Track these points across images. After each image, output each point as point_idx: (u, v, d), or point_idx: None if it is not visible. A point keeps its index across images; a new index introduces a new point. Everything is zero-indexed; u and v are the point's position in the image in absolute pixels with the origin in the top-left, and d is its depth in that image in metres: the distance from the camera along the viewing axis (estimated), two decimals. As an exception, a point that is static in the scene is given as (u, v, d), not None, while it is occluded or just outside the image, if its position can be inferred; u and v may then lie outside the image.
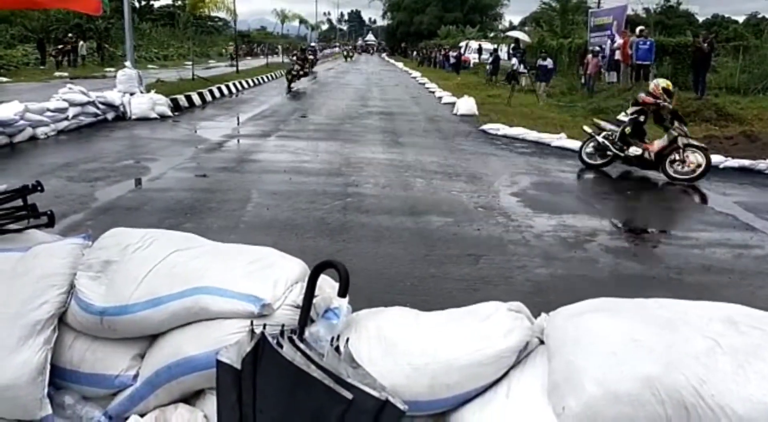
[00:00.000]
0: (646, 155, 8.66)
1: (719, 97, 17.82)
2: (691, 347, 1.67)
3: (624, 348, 1.69)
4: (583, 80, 19.36)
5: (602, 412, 1.64)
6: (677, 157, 8.39)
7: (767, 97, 18.17)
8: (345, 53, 63.29)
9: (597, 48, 20.34)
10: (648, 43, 18.84)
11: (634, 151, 8.75)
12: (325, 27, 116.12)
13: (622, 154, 8.88)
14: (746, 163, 9.39)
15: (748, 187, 8.43)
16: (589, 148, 9.29)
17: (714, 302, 1.90)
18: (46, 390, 2.12)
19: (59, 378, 2.22)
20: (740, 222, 6.52)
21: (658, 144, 8.66)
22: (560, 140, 11.16)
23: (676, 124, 8.55)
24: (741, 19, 50.08)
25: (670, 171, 8.43)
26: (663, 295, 2.13)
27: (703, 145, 8.66)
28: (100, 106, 12.47)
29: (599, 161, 9.18)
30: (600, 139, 9.11)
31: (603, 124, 9.35)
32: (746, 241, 5.87)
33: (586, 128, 9.68)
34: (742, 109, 15.44)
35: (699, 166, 8.27)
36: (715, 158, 9.57)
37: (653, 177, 8.79)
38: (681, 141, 8.37)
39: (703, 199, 7.74)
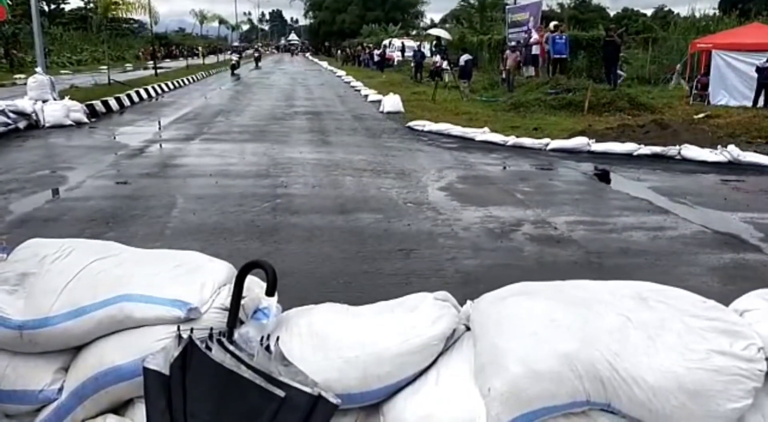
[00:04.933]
0: None
1: (631, 87, 18.67)
2: (604, 323, 1.77)
3: (543, 328, 1.78)
4: (503, 75, 19.84)
5: (526, 390, 1.71)
6: None
7: (676, 87, 19.16)
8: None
9: (513, 43, 20.90)
10: (563, 37, 19.52)
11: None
12: (246, 27, 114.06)
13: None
14: (658, 149, 9.87)
15: (660, 172, 8.88)
16: None
17: (625, 280, 2.01)
18: (-36, 411, 2.03)
19: (-22, 397, 2.12)
20: (654, 206, 6.86)
21: None
22: (484, 134, 11.43)
23: None
24: (649, 12, 52.53)
25: None
26: (584, 279, 2.23)
27: None
28: (11, 114, 11.91)
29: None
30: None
31: None
32: (660, 224, 6.18)
33: None
34: (653, 99, 16.23)
35: None
36: (629, 146, 10.06)
37: (571, 168, 9.13)
38: None
39: (619, 185, 8.10)
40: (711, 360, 1.69)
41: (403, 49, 39.21)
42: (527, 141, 10.82)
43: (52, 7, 53.63)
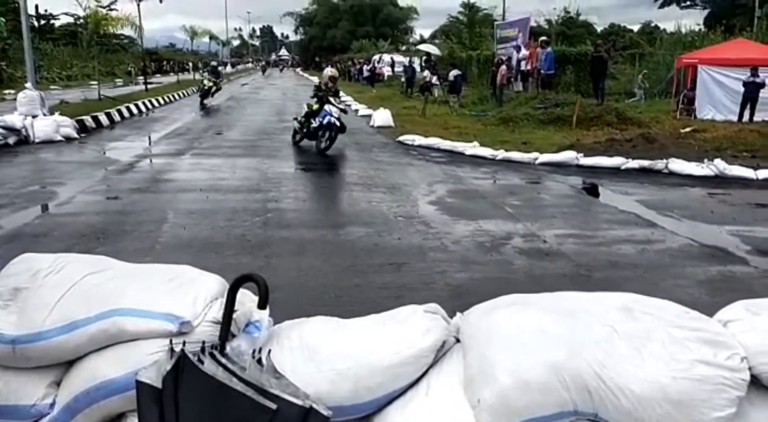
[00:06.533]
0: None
1: (619, 102, 18.88)
2: (591, 334, 1.80)
3: (532, 338, 1.81)
4: (493, 90, 19.97)
5: (515, 401, 1.74)
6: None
7: (663, 101, 19.39)
8: None
9: (503, 58, 21.06)
10: (545, 53, 19.57)
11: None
12: (236, 43, 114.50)
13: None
14: (645, 163, 9.98)
15: (648, 186, 8.97)
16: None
17: (611, 292, 2.05)
18: (-45, 427, 2.03)
19: (-30, 413, 2.12)
20: (642, 220, 6.93)
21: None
22: (474, 149, 11.51)
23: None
24: (636, 27, 53.06)
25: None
26: (573, 291, 2.26)
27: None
28: (0, 130, 11.87)
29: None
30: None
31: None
32: (648, 237, 6.24)
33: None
34: (640, 113, 16.41)
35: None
36: (617, 160, 10.17)
37: (560, 182, 9.21)
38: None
39: (607, 198, 8.17)
40: (695, 369, 1.72)
41: (393, 65, 39.44)
42: (516, 155, 10.92)
43: (42, 22, 53.56)
